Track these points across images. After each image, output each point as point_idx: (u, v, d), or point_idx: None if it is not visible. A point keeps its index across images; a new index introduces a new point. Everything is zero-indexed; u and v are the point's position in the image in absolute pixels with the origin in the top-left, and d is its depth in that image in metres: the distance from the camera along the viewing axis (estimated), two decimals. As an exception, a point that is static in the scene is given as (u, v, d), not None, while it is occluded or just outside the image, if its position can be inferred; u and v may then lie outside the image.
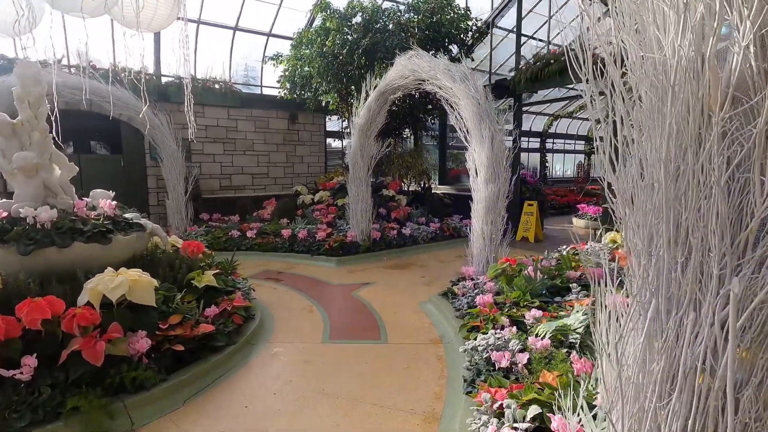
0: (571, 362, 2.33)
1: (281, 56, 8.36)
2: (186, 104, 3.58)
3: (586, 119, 14.80)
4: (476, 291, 3.68)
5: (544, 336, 2.51)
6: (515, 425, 1.80)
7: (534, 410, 1.82)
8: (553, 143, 15.05)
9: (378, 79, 5.63)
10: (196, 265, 3.52)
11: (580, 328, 2.44)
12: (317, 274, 5.48)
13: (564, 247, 5.23)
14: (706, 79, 1.01)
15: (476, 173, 4.27)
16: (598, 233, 5.03)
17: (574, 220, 9.84)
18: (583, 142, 16.11)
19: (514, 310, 3.21)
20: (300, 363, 3.04)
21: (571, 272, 3.83)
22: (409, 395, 2.58)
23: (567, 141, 15.51)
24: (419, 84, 4.99)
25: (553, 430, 1.69)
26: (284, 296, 4.54)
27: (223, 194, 9.04)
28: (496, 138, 4.10)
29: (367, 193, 6.39)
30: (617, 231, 4.92)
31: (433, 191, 8.88)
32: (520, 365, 2.39)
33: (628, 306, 1.29)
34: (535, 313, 2.98)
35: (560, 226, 9.73)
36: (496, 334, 2.75)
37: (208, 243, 6.32)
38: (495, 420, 1.87)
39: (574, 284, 3.47)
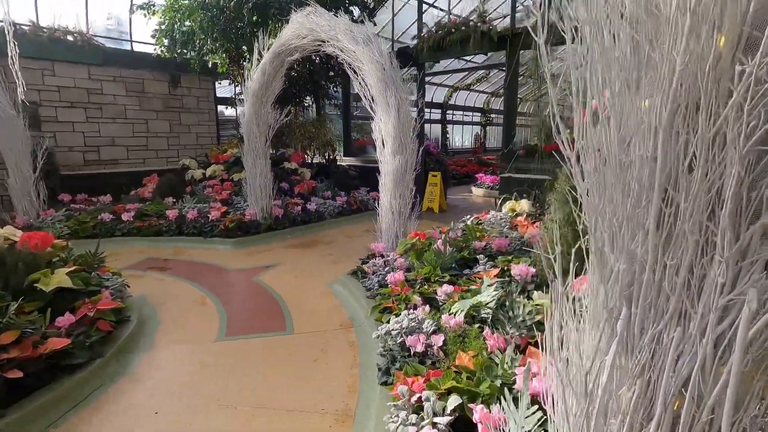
0: (485, 338, 2.28)
1: (153, 5, 7.10)
2: (9, 54, 2.71)
3: (483, 92, 15.54)
4: (387, 269, 3.53)
5: (457, 313, 2.43)
6: (435, 420, 1.66)
7: (454, 401, 1.70)
8: (453, 114, 15.58)
9: (272, 39, 5.02)
10: (41, 262, 2.78)
11: (491, 302, 2.40)
12: (212, 259, 4.88)
13: (468, 217, 5.35)
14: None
15: (383, 144, 4.05)
16: (498, 202, 5.21)
17: (474, 189, 10.34)
18: (479, 114, 16.96)
19: (426, 287, 3.12)
20: (189, 369, 2.60)
21: (476, 243, 3.87)
22: (320, 392, 2.33)
23: (465, 113, 16.18)
24: (318, 46, 4.53)
25: (475, 421, 1.59)
26: (171, 288, 3.93)
27: (91, 170, 7.63)
28: (403, 107, 3.89)
29: (267, 167, 5.84)
30: (515, 200, 5.16)
31: (338, 163, 8.54)
32: (435, 347, 2.28)
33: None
34: (447, 288, 2.91)
35: (461, 196, 10.16)
36: (409, 315, 2.61)
37: (71, 230, 5.26)
38: (414, 416, 1.72)
39: (481, 255, 3.50)
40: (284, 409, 2.19)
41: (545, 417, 1.48)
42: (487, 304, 2.39)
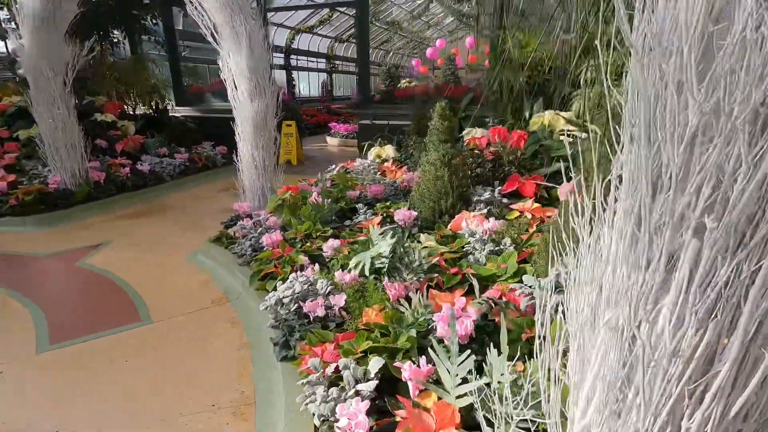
0: (384, 289, 2.19)
1: None
2: None
3: (326, 36, 14.90)
4: (260, 230, 3.11)
5: (358, 267, 2.26)
6: (359, 387, 1.50)
7: (376, 363, 1.56)
8: (297, 60, 14.65)
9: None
10: None
11: (387, 251, 2.29)
12: (5, 246, 3.63)
13: (332, 167, 5.13)
14: None
15: (235, 86, 3.43)
16: (359, 150, 5.11)
17: (328, 138, 10.08)
18: (324, 61, 16.36)
19: (309, 245, 2.85)
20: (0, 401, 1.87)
21: (351, 192, 3.71)
22: (205, 386, 1.94)
23: (310, 59, 15.38)
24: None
25: (405, 379, 1.48)
26: (-59, 295, 2.78)
27: None
28: (256, 38, 3.31)
29: (72, 119, 4.50)
30: (380, 146, 5.13)
31: (170, 114, 7.20)
32: (337, 308, 2.08)
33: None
34: (333, 243, 2.70)
35: (316, 146, 9.81)
36: (299, 278, 2.34)
37: None
38: (334, 389, 1.53)
39: (360, 204, 3.36)
40: (159, 419, 1.76)
41: (479, 361, 1.46)
42: (384, 254, 2.27)
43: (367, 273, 2.18)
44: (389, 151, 4.82)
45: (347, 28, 15.20)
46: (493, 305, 1.85)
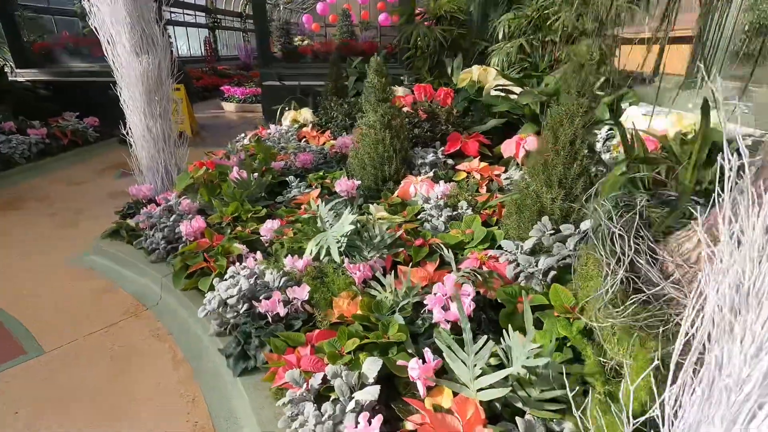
0: (345, 272, 1.93)
1: None
2: None
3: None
4: (173, 217, 2.56)
5: (316, 251, 1.95)
6: (359, 397, 1.26)
7: (374, 364, 1.32)
8: (171, 14, 12.60)
9: None
10: None
11: (350, 229, 2.00)
12: None
13: (242, 135, 4.53)
14: None
15: (112, 39, 2.69)
16: (278, 115, 4.58)
17: (224, 104, 8.98)
18: (204, 15, 14.36)
19: (240, 229, 2.43)
20: None
21: (275, 163, 3.27)
22: (142, 425, 1.52)
23: (187, 12, 13.36)
24: None
25: (413, 379, 1.27)
26: None
27: None
28: (135, -23, 2.59)
29: None
30: (295, 110, 4.64)
31: (11, 80, 5.66)
32: (299, 303, 1.77)
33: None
34: (271, 224, 2.32)
35: (210, 113, 8.69)
36: (241, 271, 1.95)
37: None
38: (328, 405, 1.26)
39: (291, 177, 2.96)
40: (90, 483, 1.33)
41: (496, 347, 1.31)
42: (349, 232, 1.98)
43: (336, 257, 1.89)
44: (307, 114, 4.37)
45: (227, -23, 13.42)
46: (476, 277, 1.71)
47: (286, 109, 4.68)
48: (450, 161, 2.88)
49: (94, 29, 2.65)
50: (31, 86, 5.76)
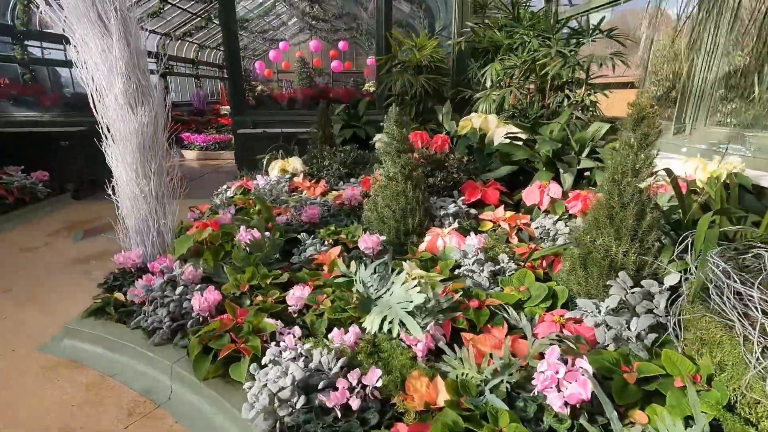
0: (401, 344, 1.72)
1: None
2: None
3: (154, 31, 12.67)
4: (179, 289, 2.21)
5: (375, 326, 1.71)
6: None
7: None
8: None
9: None
10: None
11: (419, 300, 1.78)
12: None
13: (224, 188, 4.21)
14: None
15: (98, 90, 2.40)
16: (266, 163, 4.33)
17: (184, 152, 8.52)
18: (154, 60, 13.87)
19: (261, 298, 2.14)
20: None
21: (280, 218, 3.02)
22: None
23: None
24: None
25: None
26: None
27: None
28: (132, 23, 2.36)
29: None
30: (282, 158, 4.42)
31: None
32: (369, 390, 1.52)
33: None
34: (299, 292, 2.07)
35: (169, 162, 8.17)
36: (285, 353, 1.67)
37: None
38: None
39: (303, 234, 2.72)
40: None
41: None
42: (419, 302, 1.76)
43: (419, 334, 1.66)
44: (296, 164, 4.17)
45: (179, 24, 13.22)
46: (563, 344, 1.57)
47: (266, 158, 4.45)
48: (472, 211, 2.79)
49: (81, 81, 2.35)
50: (-35, 138, 5.10)
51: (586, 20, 4.73)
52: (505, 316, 1.84)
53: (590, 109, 3.73)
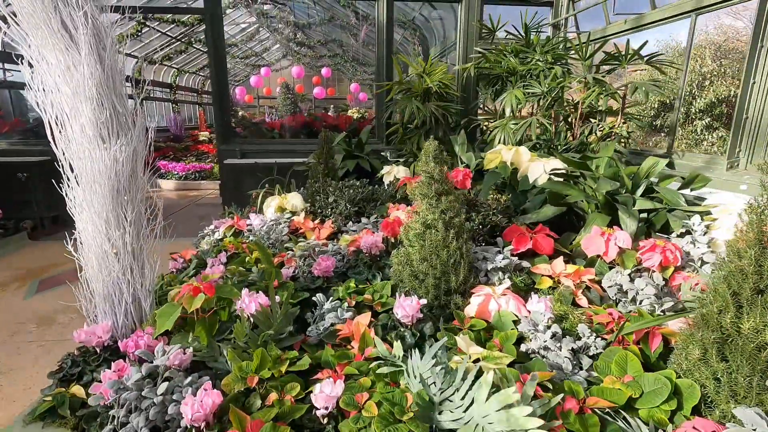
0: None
1: None
2: None
3: (131, 55, 12.08)
4: (162, 386, 1.62)
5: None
6: None
7: None
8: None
9: None
10: None
11: (531, 426, 1.27)
12: None
13: (211, 228, 3.64)
14: None
15: (59, 121, 1.86)
16: (259, 200, 3.80)
17: (161, 182, 7.85)
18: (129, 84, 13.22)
19: (275, 396, 1.58)
20: None
21: (284, 271, 2.48)
22: None
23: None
24: None
25: None
26: None
27: None
28: (107, 37, 1.85)
29: None
30: (280, 194, 3.90)
31: None
32: None
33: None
34: (330, 389, 1.54)
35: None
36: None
37: None
38: None
39: (319, 296, 2.19)
40: None
41: None
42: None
43: None
44: (296, 201, 3.65)
45: (158, 47, 12.68)
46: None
47: (272, 193, 3.92)
48: (525, 263, 2.33)
49: (36, 105, 1.81)
50: None
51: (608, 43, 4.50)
52: (622, 425, 1.36)
53: (626, 140, 3.39)
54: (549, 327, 1.80)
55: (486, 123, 4.50)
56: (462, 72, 4.98)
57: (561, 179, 2.73)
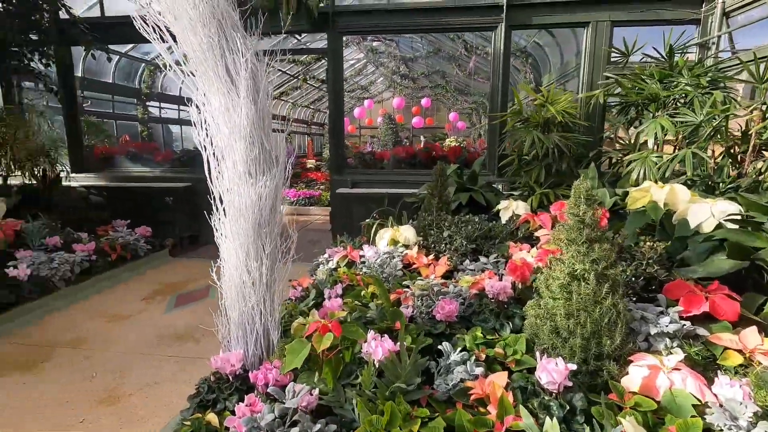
0: None
1: None
2: None
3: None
4: (290, 425, 1.57)
5: None
6: None
7: None
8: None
9: None
10: None
11: None
12: None
13: (324, 257, 3.71)
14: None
15: (217, 155, 2.00)
16: (372, 232, 3.80)
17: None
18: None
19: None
20: None
21: (405, 310, 2.36)
22: None
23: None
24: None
25: None
26: None
27: None
28: (261, 79, 1.97)
29: None
30: (392, 226, 3.87)
31: (66, 185, 5.20)
32: None
33: None
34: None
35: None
36: None
37: None
38: None
39: (445, 344, 2.01)
40: None
41: None
42: None
43: None
44: (408, 234, 3.57)
45: (277, 85, 14.13)
46: None
47: (385, 224, 3.91)
48: (701, 331, 1.90)
49: (198, 144, 1.97)
50: (83, 192, 5.27)
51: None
52: None
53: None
54: (755, 425, 1.39)
55: (619, 155, 4.02)
56: (586, 100, 4.58)
57: (739, 226, 2.23)
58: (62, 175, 5.38)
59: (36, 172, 5.15)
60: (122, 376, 2.51)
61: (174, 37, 1.92)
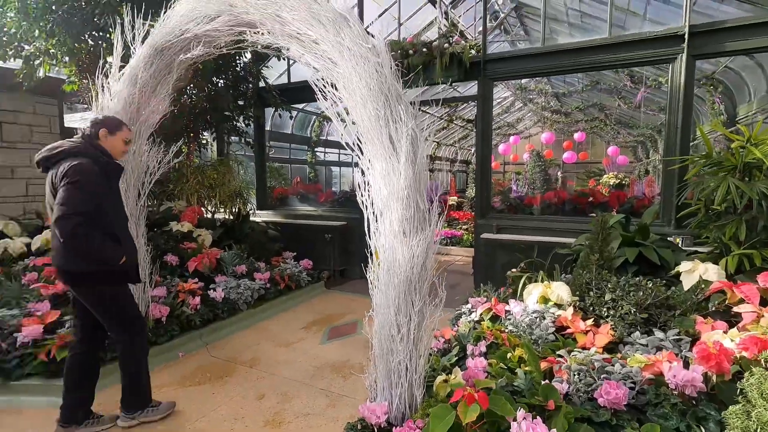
0: None
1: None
2: None
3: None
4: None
5: None
6: None
7: None
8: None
9: (153, 23, 2.90)
10: None
11: None
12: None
13: (469, 308, 3.61)
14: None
15: (376, 214, 2.16)
16: (520, 285, 3.59)
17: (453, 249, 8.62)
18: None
19: None
20: None
21: (555, 383, 2.11)
22: None
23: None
24: (240, 35, 2.57)
25: None
26: None
27: None
28: (419, 146, 2.09)
29: (141, 236, 3.48)
30: (544, 281, 3.59)
31: (251, 219, 6.29)
32: None
33: None
34: None
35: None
36: None
37: None
38: None
39: (611, 440, 1.72)
40: None
41: None
42: None
43: None
44: (562, 292, 3.24)
45: (424, 127, 14.91)
46: None
47: (533, 277, 3.67)
48: None
49: (361, 203, 2.18)
50: (263, 227, 6.29)
51: None
52: None
53: None
54: None
55: None
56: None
57: None
58: (250, 211, 6.55)
59: (233, 209, 6.37)
60: (284, 401, 2.82)
61: (347, 110, 2.19)
